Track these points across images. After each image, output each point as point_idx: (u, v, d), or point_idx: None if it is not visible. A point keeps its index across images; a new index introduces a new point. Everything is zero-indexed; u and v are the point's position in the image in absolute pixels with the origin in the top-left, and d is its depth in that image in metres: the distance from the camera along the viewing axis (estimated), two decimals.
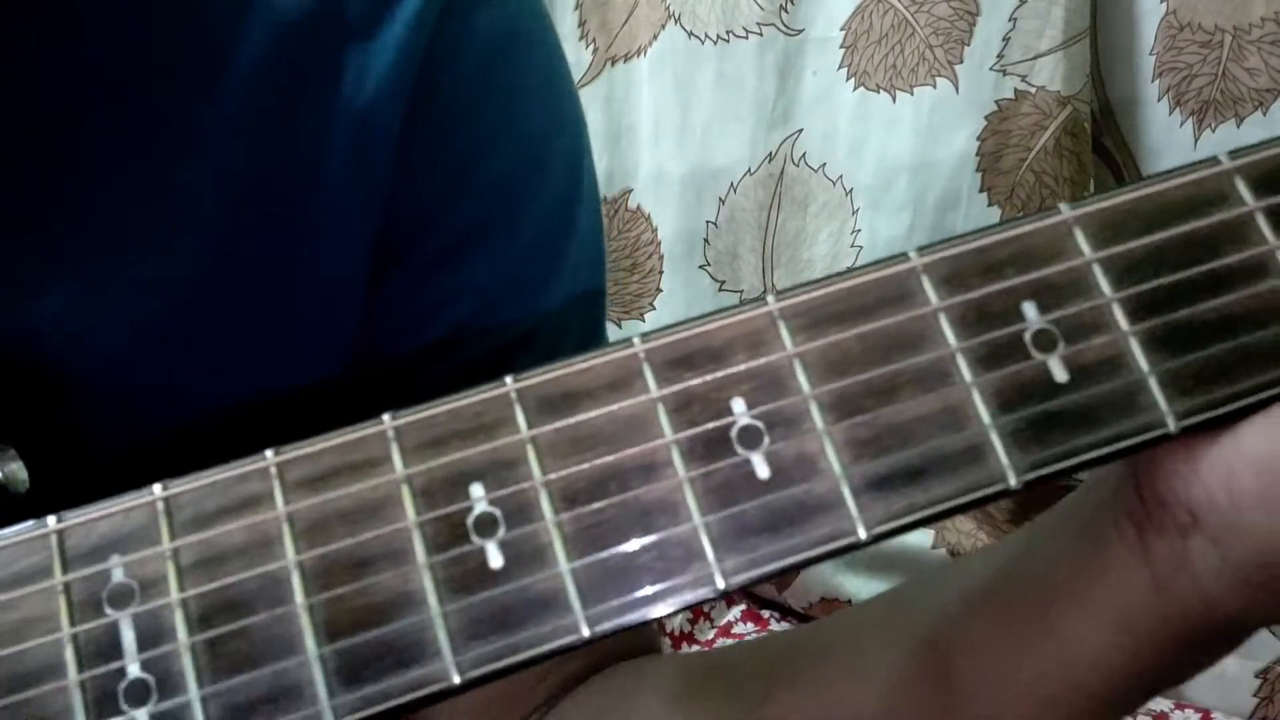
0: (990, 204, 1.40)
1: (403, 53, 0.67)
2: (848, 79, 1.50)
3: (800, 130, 1.53)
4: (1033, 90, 1.38)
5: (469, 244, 0.71)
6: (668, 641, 1.36)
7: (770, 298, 0.40)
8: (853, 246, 1.48)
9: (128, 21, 0.65)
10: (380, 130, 0.67)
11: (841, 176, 1.50)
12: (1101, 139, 1.40)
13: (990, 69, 1.40)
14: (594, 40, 1.67)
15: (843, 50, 1.50)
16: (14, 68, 0.63)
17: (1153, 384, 0.39)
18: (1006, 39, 1.39)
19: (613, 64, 1.65)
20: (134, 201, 0.65)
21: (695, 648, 1.47)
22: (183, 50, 0.65)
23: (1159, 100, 1.34)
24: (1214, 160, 0.41)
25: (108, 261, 0.64)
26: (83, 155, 0.64)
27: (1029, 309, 0.40)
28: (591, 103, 1.65)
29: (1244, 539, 0.42)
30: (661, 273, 1.61)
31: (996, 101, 1.40)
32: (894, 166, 1.46)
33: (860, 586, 1.42)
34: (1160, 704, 1.32)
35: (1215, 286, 0.40)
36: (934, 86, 1.43)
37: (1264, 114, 1.28)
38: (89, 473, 0.42)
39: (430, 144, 0.68)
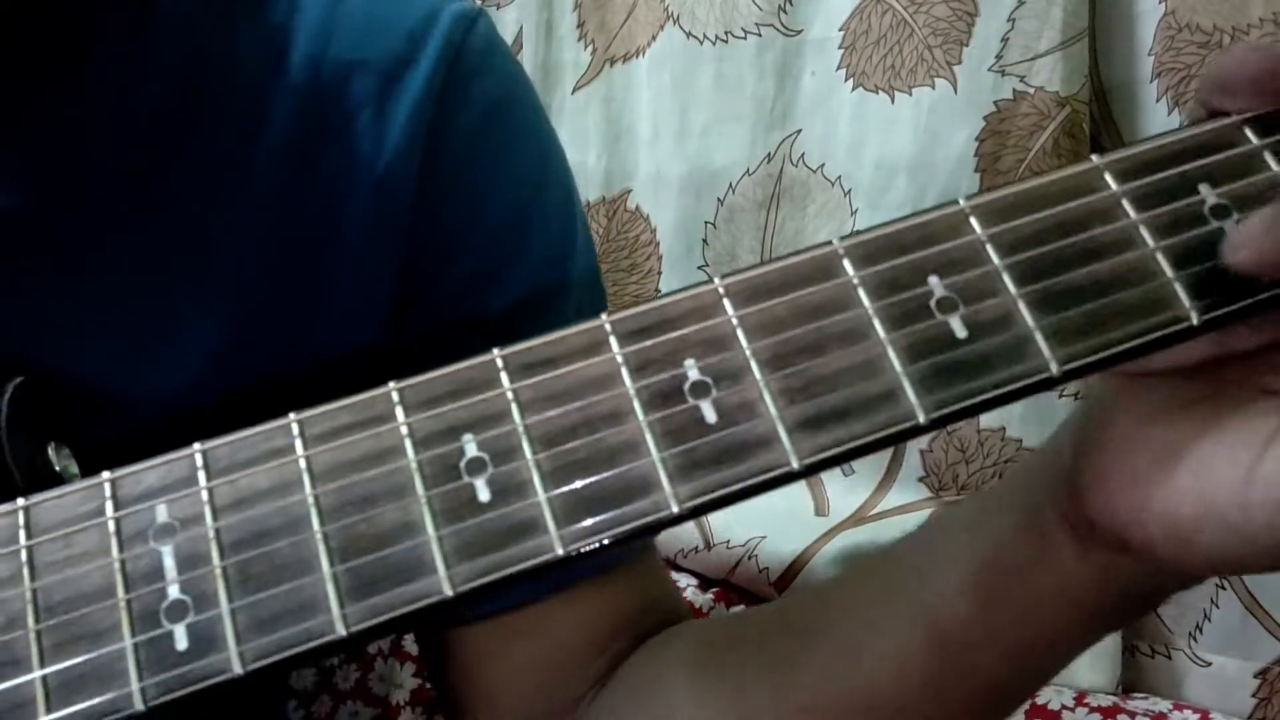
0: None
1: (412, 123, 0.77)
2: (846, 79, 1.51)
3: (799, 131, 1.54)
4: (1031, 91, 1.39)
5: (484, 278, 0.81)
6: None
7: (716, 278, 0.50)
8: None
9: (176, 86, 0.74)
10: (396, 190, 0.77)
11: (840, 177, 1.51)
12: (1100, 139, 1.41)
13: (989, 69, 1.41)
14: (593, 41, 1.68)
15: (841, 51, 1.51)
16: (69, 123, 0.71)
17: (1038, 337, 0.49)
18: (1005, 39, 1.40)
19: (611, 65, 1.66)
20: (175, 254, 0.73)
21: None
22: (221, 116, 0.75)
23: (1158, 101, 1.36)
24: (1085, 160, 0.52)
25: (153, 306, 0.73)
26: (129, 208, 0.73)
27: (933, 279, 0.50)
28: (590, 103, 1.66)
29: (1162, 562, 0.55)
30: (660, 273, 1.62)
31: (995, 102, 1.41)
32: (893, 167, 1.47)
33: None
34: (1159, 704, 1.33)
35: (1089, 256, 0.50)
36: (932, 87, 1.44)
37: None
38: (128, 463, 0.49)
39: (441, 196, 0.78)
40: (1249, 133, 0.52)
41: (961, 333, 0.49)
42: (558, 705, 0.83)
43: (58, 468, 0.65)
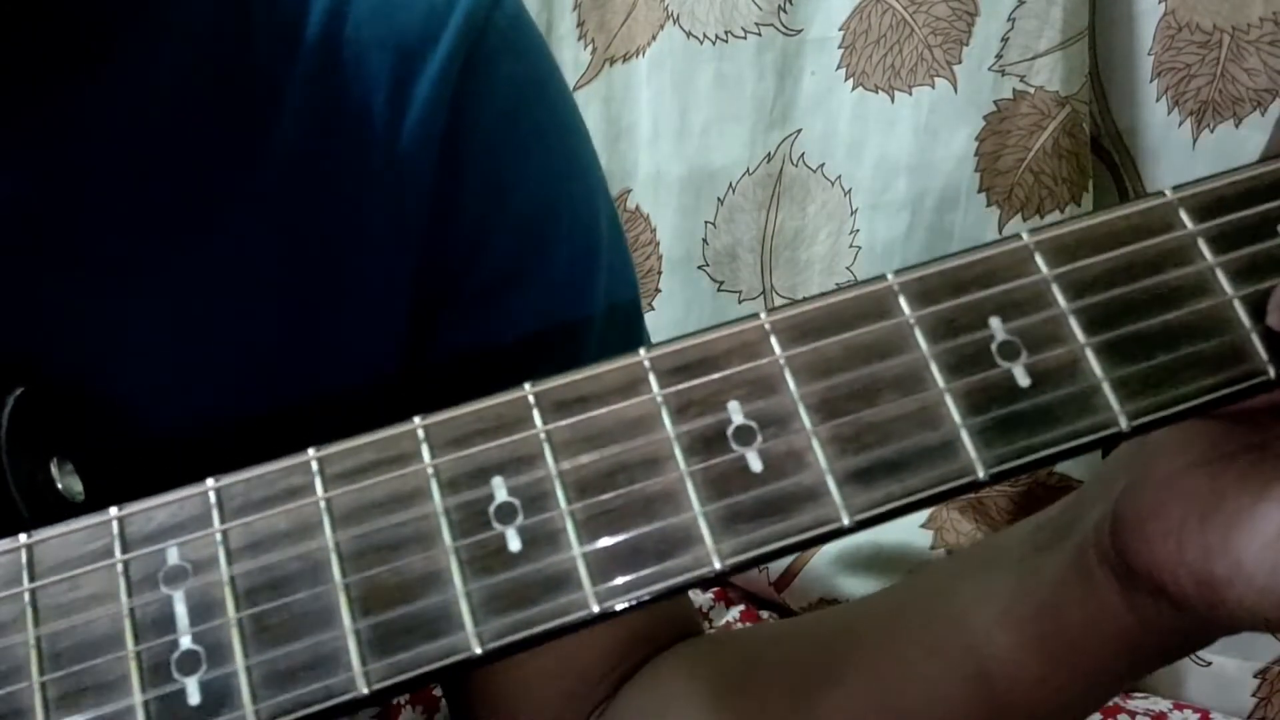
0: (989, 204, 1.42)
1: (429, 106, 0.73)
2: (846, 79, 1.51)
3: (799, 130, 1.54)
4: (1031, 90, 1.39)
5: (508, 280, 0.77)
6: None
7: (762, 314, 0.47)
8: (851, 247, 1.49)
9: (191, 83, 0.71)
10: (412, 179, 0.74)
11: (840, 177, 1.51)
12: (1100, 139, 1.42)
13: (989, 69, 1.41)
14: (592, 40, 1.68)
15: (841, 50, 1.51)
16: (74, 122, 0.69)
17: (1106, 388, 0.45)
18: (1005, 39, 1.41)
19: (611, 64, 1.66)
20: (196, 251, 0.70)
21: None
22: (236, 109, 0.71)
23: (1157, 100, 1.36)
24: (1159, 194, 0.48)
25: (175, 308, 0.70)
26: (148, 209, 0.70)
27: (994, 322, 0.46)
28: (590, 103, 1.66)
29: (1194, 613, 0.53)
30: (660, 273, 1.62)
31: (995, 102, 1.41)
32: (893, 167, 1.47)
33: (860, 588, 1.43)
34: (1159, 704, 1.34)
35: (1161, 302, 0.47)
36: (933, 87, 1.45)
37: (1262, 114, 1.29)
38: (138, 485, 0.46)
39: (463, 188, 0.75)
40: None
41: (1024, 381, 0.45)
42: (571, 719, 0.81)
43: (60, 485, 0.62)
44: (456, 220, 0.76)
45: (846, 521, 0.44)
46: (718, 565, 0.44)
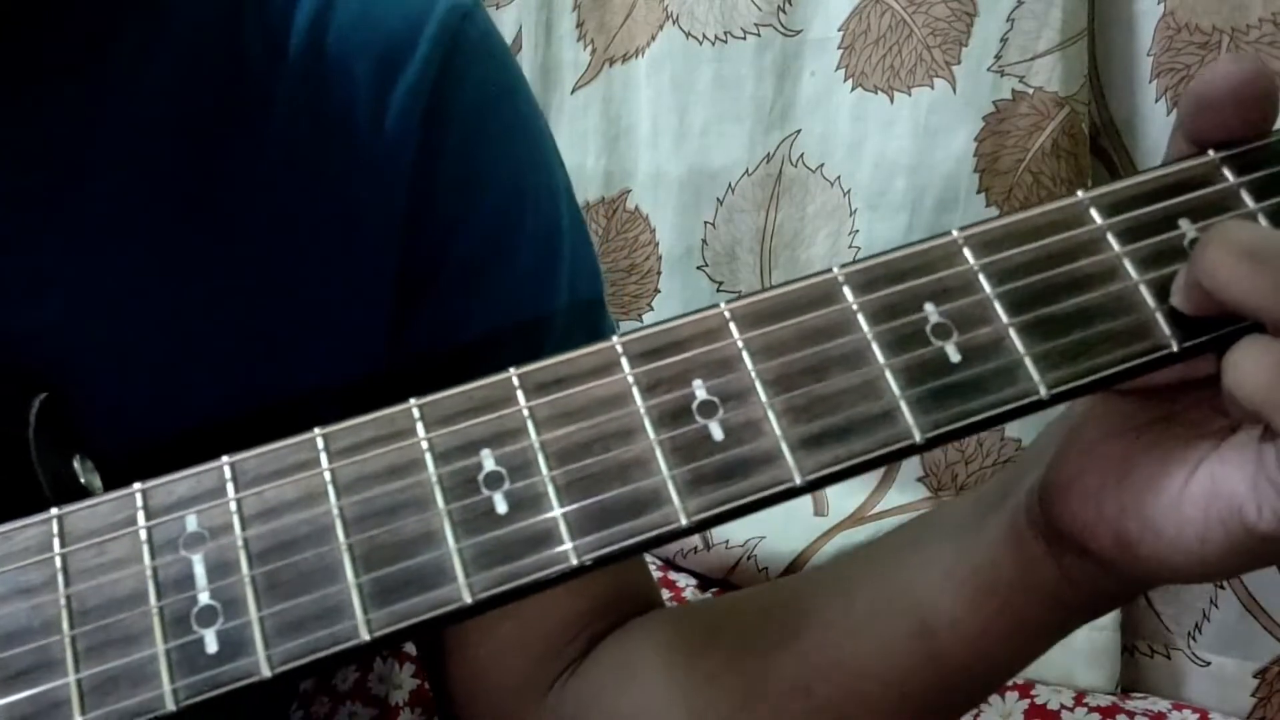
0: (988, 205, 1.43)
1: (408, 106, 0.80)
2: (845, 80, 1.52)
3: (798, 131, 1.55)
4: (1030, 91, 1.40)
5: (477, 274, 0.83)
6: None
7: (722, 303, 0.54)
8: (850, 247, 1.50)
9: (187, 81, 0.76)
10: (393, 175, 0.80)
11: (839, 177, 1.52)
12: (1099, 140, 1.43)
13: (988, 70, 1.42)
14: (592, 41, 1.69)
15: (840, 51, 1.52)
16: (84, 125, 0.73)
17: (1028, 362, 0.53)
18: (1004, 40, 1.41)
19: (610, 65, 1.67)
20: (196, 248, 0.76)
21: None
22: (230, 108, 0.77)
23: (1156, 101, 1.38)
24: (1072, 194, 0.56)
25: (176, 305, 0.75)
26: (148, 207, 0.74)
27: (928, 306, 0.54)
28: (589, 104, 1.68)
29: (1116, 570, 0.61)
30: (659, 273, 1.63)
31: (994, 102, 1.42)
32: (892, 167, 1.48)
33: None
34: (1159, 704, 1.35)
35: (1075, 286, 0.54)
36: (932, 87, 1.46)
37: None
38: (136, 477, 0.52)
39: (438, 184, 0.81)
40: (1226, 171, 0.57)
41: (955, 357, 0.53)
42: (536, 687, 0.86)
43: (83, 480, 0.67)
44: (432, 215, 0.82)
45: (799, 481, 0.51)
46: (684, 521, 0.51)
